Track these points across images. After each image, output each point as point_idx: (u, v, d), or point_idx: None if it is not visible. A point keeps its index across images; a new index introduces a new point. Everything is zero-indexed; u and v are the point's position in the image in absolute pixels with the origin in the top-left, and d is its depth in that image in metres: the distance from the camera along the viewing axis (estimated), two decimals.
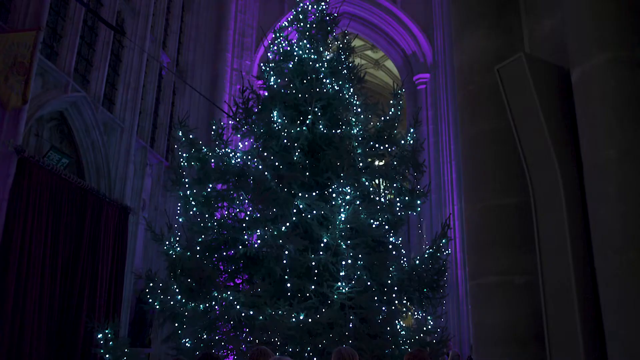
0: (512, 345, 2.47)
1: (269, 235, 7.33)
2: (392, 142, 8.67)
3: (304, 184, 7.91)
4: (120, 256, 11.63)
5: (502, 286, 2.59)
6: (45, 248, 9.31)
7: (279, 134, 8.24)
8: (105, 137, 11.70)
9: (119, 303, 11.60)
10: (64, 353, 9.77)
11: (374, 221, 7.93)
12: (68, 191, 10.07)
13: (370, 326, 7.41)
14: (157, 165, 14.47)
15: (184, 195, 8.31)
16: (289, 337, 6.99)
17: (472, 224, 2.84)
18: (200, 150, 8.56)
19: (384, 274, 7.79)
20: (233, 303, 7.03)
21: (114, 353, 7.56)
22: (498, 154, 2.84)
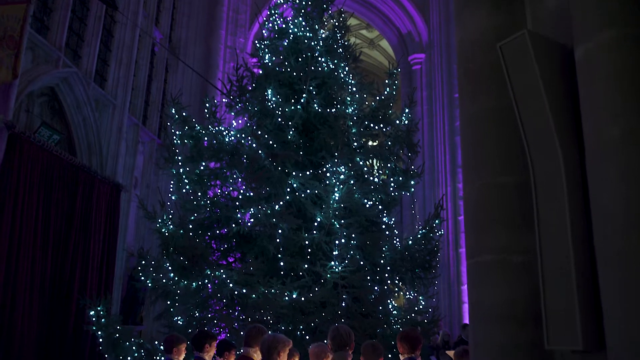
0: (510, 324, 2.47)
1: (262, 213, 7.31)
2: (386, 122, 8.64)
3: (297, 162, 7.88)
4: (111, 234, 11.57)
5: (500, 265, 2.57)
6: (36, 225, 9.24)
7: (273, 113, 8.18)
8: (96, 114, 11.55)
9: (110, 281, 11.57)
10: (55, 330, 9.76)
11: (367, 201, 7.93)
12: (59, 168, 9.97)
13: (362, 305, 7.45)
14: (149, 143, 14.35)
15: (177, 173, 8.25)
16: (281, 315, 7.01)
17: (470, 202, 2.82)
18: (193, 128, 8.48)
19: (376, 254, 7.81)
20: (226, 281, 7.03)
21: (106, 330, 7.56)
22: (498, 133, 2.80)
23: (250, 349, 4.68)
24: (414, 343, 4.49)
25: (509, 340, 2.49)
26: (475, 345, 2.61)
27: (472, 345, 2.65)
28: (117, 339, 7.58)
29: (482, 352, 2.56)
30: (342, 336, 4.15)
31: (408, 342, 4.49)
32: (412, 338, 4.51)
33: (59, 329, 9.80)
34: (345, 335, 4.17)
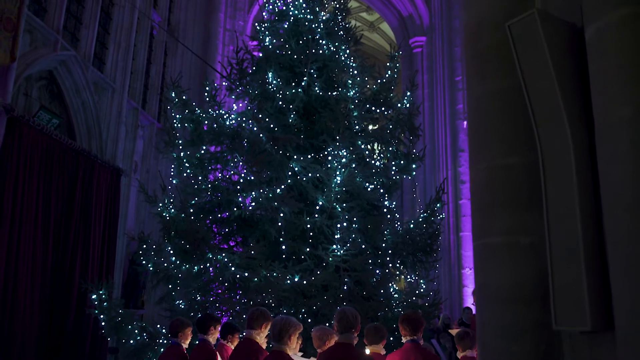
0: (517, 305, 2.47)
1: (263, 197, 7.30)
2: (388, 105, 8.59)
3: (299, 146, 7.85)
4: (112, 218, 11.56)
5: (507, 246, 2.56)
6: (37, 209, 9.22)
7: (273, 96, 8.13)
8: (96, 98, 11.48)
9: (111, 265, 11.59)
10: (57, 314, 9.79)
11: (369, 184, 7.92)
12: (59, 152, 9.93)
13: (364, 289, 7.48)
14: (149, 127, 14.28)
15: (178, 157, 8.23)
16: (283, 298, 7.03)
17: (477, 184, 2.80)
18: (193, 112, 8.44)
19: (378, 237, 7.82)
20: (227, 265, 7.04)
21: (109, 314, 7.59)
22: (505, 114, 2.78)
23: (253, 331, 4.70)
24: (416, 325, 4.51)
25: (515, 321, 2.49)
26: (482, 326, 2.61)
27: (479, 326, 2.65)
28: (119, 322, 7.62)
29: (489, 333, 2.56)
30: (348, 318, 4.16)
31: (410, 324, 4.51)
32: (413, 320, 4.53)
33: (61, 313, 9.83)
34: (351, 318, 4.18)
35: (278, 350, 4.12)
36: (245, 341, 4.71)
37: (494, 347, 2.52)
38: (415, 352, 4.37)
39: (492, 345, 2.53)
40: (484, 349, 2.58)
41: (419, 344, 4.50)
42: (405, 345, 4.48)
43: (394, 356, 4.48)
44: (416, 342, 4.48)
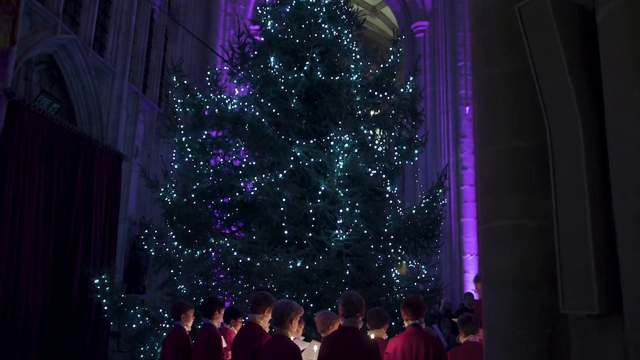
0: (523, 289, 2.46)
1: (265, 182, 7.28)
2: (390, 90, 8.54)
3: (301, 131, 7.82)
4: (113, 203, 11.56)
5: (514, 229, 2.55)
6: (38, 193, 9.20)
7: (275, 80, 8.08)
8: (96, 82, 11.41)
9: (113, 250, 11.61)
10: (59, 299, 9.82)
11: (371, 170, 7.90)
12: (60, 137, 9.89)
13: (366, 274, 7.49)
14: (150, 112, 14.23)
15: (179, 141, 8.20)
16: (285, 283, 7.05)
17: (484, 167, 2.78)
18: (195, 96, 8.40)
19: (380, 223, 7.82)
20: (230, 249, 7.04)
21: (111, 298, 7.61)
22: (512, 97, 2.75)
23: (257, 315, 4.71)
24: (418, 309, 4.52)
25: (522, 304, 2.48)
26: (488, 310, 2.61)
27: (485, 310, 2.65)
28: (121, 307, 7.64)
29: (495, 316, 2.56)
30: (353, 302, 4.18)
31: (412, 309, 4.52)
32: (415, 304, 4.55)
33: (63, 297, 9.86)
34: (356, 302, 4.19)
35: (280, 334, 4.14)
36: (249, 325, 4.72)
37: (500, 331, 2.52)
38: (417, 336, 4.39)
39: (498, 329, 2.53)
40: (490, 333, 2.58)
41: (421, 328, 4.52)
42: (407, 329, 4.50)
43: (396, 340, 4.50)
44: (418, 326, 4.50)
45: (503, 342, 2.49)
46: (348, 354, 3.98)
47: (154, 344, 7.56)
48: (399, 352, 4.37)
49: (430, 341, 4.35)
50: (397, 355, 4.37)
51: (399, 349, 4.38)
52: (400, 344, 4.41)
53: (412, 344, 4.33)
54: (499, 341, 2.51)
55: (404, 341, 4.39)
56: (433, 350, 4.29)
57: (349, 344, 4.02)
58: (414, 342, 4.33)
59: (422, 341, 4.32)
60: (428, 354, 4.25)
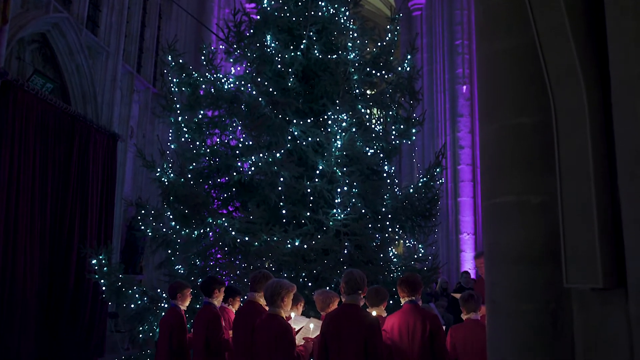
0: (527, 264, 2.46)
1: (263, 162, 7.25)
2: (388, 68, 8.47)
3: (298, 110, 7.76)
4: (109, 184, 11.50)
5: (518, 206, 2.54)
6: (34, 174, 9.14)
7: (272, 59, 7.99)
8: (90, 61, 11.28)
9: (109, 231, 11.59)
10: (57, 280, 9.82)
11: (369, 149, 7.87)
12: (55, 117, 9.79)
13: (364, 253, 7.50)
14: (144, 92, 14.10)
15: (175, 121, 8.13)
16: (283, 263, 7.06)
17: (487, 144, 2.76)
18: (190, 75, 8.31)
19: (378, 202, 7.81)
20: (228, 229, 7.03)
21: (109, 278, 7.61)
22: (516, 73, 2.72)
23: (256, 293, 4.72)
24: (414, 286, 4.54)
25: (526, 280, 2.49)
26: (491, 286, 2.61)
27: (488, 286, 2.65)
28: (119, 287, 7.65)
29: (498, 292, 2.56)
30: (355, 280, 4.19)
31: (408, 286, 4.54)
32: (411, 282, 4.56)
33: (61, 278, 9.87)
34: (358, 279, 4.21)
35: (273, 313, 4.15)
36: (248, 303, 4.74)
37: (504, 306, 2.53)
38: (414, 312, 4.42)
39: (502, 305, 2.54)
40: (494, 308, 2.59)
41: (418, 304, 4.54)
42: (404, 307, 4.52)
43: (393, 318, 4.52)
44: (415, 303, 4.52)
45: (507, 317, 2.50)
46: (349, 330, 4.01)
47: (152, 323, 7.58)
48: (395, 329, 4.40)
49: (427, 317, 4.37)
50: (394, 332, 4.40)
51: (396, 326, 4.41)
52: (397, 321, 4.43)
53: (409, 321, 4.35)
54: (503, 316, 2.52)
55: (401, 318, 4.42)
56: (430, 326, 4.32)
57: (351, 321, 4.04)
58: (410, 319, 4.36)
59: (418, 318, 4.35)
60: (425, 330, 4.28)
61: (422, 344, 4.27)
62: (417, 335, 4.29)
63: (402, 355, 4.34)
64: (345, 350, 3.98)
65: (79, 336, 10.01)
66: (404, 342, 4.32)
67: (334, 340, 4.04)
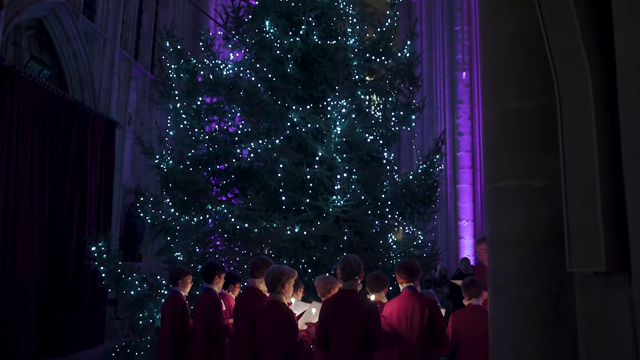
0: (529, 248, 2.46)
1: (262, 148, 7.23)
2: (388, 54, 8.42)
3: (297, 96, 7.73)
4: (108, 171, 11.46)
5: (520, 190, 2.53)
6: (32, 162, 9.09)
7: (271, 45, 7.94)
8: (87, 48, 11.19)
9: (108, 218, 11.57)
10: (56, 267, 9.81)
11: (368, 135, 7.85)
12: (52, 104, 9.72)
13: (363, 239, 7.51)
14: (142, 78, 14.01)
15: (174, 107, 8.09)
16: (283, 249, 7.07)
17: (490, 128, 2.74)
18: (189, 62, 8.25)
19: (377, 189, 7.81)
20: (227, 216, 7.03)
21: (108, 265, 7.62)
22: (520, 56, 2.69)
23: (256, 279, 4.72)
24: (412, 272, 4.54)
25: (528, 263, 2.48)
26: (493, 271, 2.61)
27: (490, 271, 2.64)
28: (119, 274, 7.66)
29: (500, 276, 2.56)
30: (352, 265, 4.18)
31: (406, 272, 4.54)
32: (409, 268, 4.56)
33: (60, 265, 9.86)
34: (355, 265, 4.19)
35: (274, 299, 4.15)
36: (249, 289, 4.73)
37: (506, 291, 2.52)
38: (412, 298, 4.42)
39: (504, 289, 2.53)
40: (496, 293, 2.58)
41: (416, 290, 4.54)
42: (403, 292, 4.51)
43: (391, 304, 4.52)
44: (413, 289, 4.52)
45: (509, 302, 2.49)
46: (348, 316, 4.01)
47: (152, 310, 7.60)
48: (394, 315, 4.40)
49: (426, 303, 4.37)
50: (392, 318, 4.41)
51: (395, 312, 4.42)
52: (396, 307, 4.44)
53: (408, 307, 4.36)
54: (505, 300, 2.51)
55: (400, 304, 4.43)
56: (428, 311, 4.32)
57: (349, 307, 4.04)
58: (409, 305, 4.36)
59: (417, 303, 4.35)
60: (423, 316, 4.29)
61: (421, 329, 4.28)
62: (415, 321, 4.30)
63: (401, 340, 4.36)
64: (344, 336, 3.99)
65: (78, 323, 10.03)
66: (402, 327, 4.33)
67: (332, 326, 4.05)
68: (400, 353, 4.37)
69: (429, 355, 4.31)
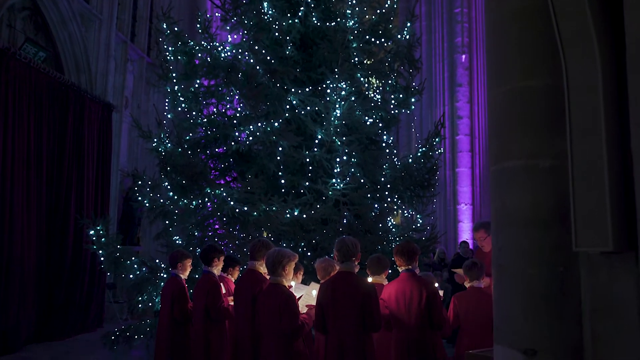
0: (535, 228, 2.44)
1: (261, 131, 7.18)
2: (387, 36, 8.34)
3: (296, 79, 7.66)
4: (105, 154, 11.39)
5: (526, 170, 2.50)
6: (29, 145, 9.02)
7: (269, 27, 7.85)
8: (83, 30, 11.05)
9: (106, 202, 11.53)
10: (55, 251, 9.80)
11: (368, 118, 7.80)
12: (48, 86, 9.62)
13: (363, 222, 7.50)
14: (139, 61, 13.88)
15: (172, 90, 8.02)
16: (282, 232, 7.06)
17: (496, 107, 2.71)
18: (187, 44, 8.16)
19: (377, 172, 7.79)
20: (226, 199, 7.00)
21: (107, 249, 7.60)
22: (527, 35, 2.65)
23: (257, 262, 4.71)
24: (411, 255, 4.53)
25: (533, 243, 2.46)
26: (498, 250, 2.59)
27: (495, 251, 2.62)
28: (117, 257, 7.65)
29: (505, 256, 2.54)
30: (348, 247, 4.16)
31: (404, 255, 4.53)
32: (408, 250, 4.55)
33: (58, 249, 9.84)
34: (351, 246, 4.17)
35: (274, 282, 4.14)
36: (249, 272, 4.72)
37: (511, 270, 2.51)
38: (411, 281, 4.42)
39: (509, 269, 2.52)
40: (501, 273, 2.57)
41: (415, 273, 4.54)
42: (401, 275, 4.51)
43: (390, 287, 4.52)
44: (412, 271, 4.51)
45: (514, 281, 2.48)
46: (345, 298, 4.01)
47: (151, 293, 7.60)
48: (392, 297, 4.40)
49: (423, 284, 4.37)
50: (391, 300, 4.41)
51: (393, 294, 4.42)
52: (394, 289, 4.44)
53: (406, 290, 4.36)
54: (510, 280, 2.50)
55: (398, 287, 4.43)
56: (426, 293, 4.32)
57: (346, 289, 4.04)
58: (407, 288, 4.36)
59: (415, 286, 4.35)
60: (421, 298, 4.29)
61: (420, 312, 4.28)
62: (414, 303, 4.30)
63: (399, 323, 4.36)
64: (343, 318, 3.99)
65: (77, 306, 10.04)
66: (401, 310, 4.34)
67: (331, 308, 4.05)
68: (399, 335, 4.38)
69: (428, 337, 4.32)
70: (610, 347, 2.29)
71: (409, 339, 4.30)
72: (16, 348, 8.40)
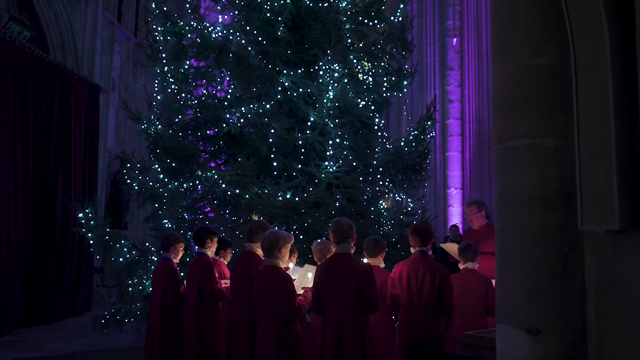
0: (539, 208, 2.42)
1: (252, 113, 7.10)
2: (380, 18, 8.27)
3: (288, 60, 7.58)
4: (92, 137, 11.21)
5: (531, 149, 2.47)
6: (14, 126, 8.83)
7: (261, 7, 7.73)
8: (68, 9, 10.81)
9: (94, 185, 11.38)
10: (42, 234, 9.67)
11: (360, 101, 7.75)
12: (34, 66, 9.40)
13: (355, 206, 7.48)
14: (126, 42, 13.64)
15: (161, 71, 7.89)
16: (274, 215, 7.02)
17: (501, 85, 2.67)
18: (176, 24, 8.02)
19: (369, 155, 7.76)
20: (218, 182, 6.93)
21: (96, 232, 7.51)
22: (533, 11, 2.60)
23: (254, 244, 4.66)
24: (426, 237, 4.47)
25: (538, 223, 2.43)
26: (502, 231, 2.56)
27: (498, 231, 2.60)
28: (107, 240, 7.57)
29: (509, 236, 2.52)
30: (343, 228, 4.12)
31: (420, 235, 4.46)
32: (424, 231, 4.49)
33: (46, 232, 9.71)
34: (347, 228, 4.13)
35: (270, 264, 4.10)
36: (246, 254, 4.68)
37: (515, 250, 2.48)
38: (424, 262, 4.34)
39: (513, 249, 2.49)
40: (504, 253, 2.55)
41: (428, 255, 4.48)
42: (413, 256, 4.45)
43: (401, 266, 4.45)
44: (425, 253, 4.45)
45: (518, 261, 2.46)
46: (342, 279, 3.98)
47: (141, 277, 7.54)
48: (404, 276, 4.33)
49: (437, 269, 4.31)
50: (402, 280, 4.34)
51: (405, 274, 4.34)
52: (406, 269, 4.36)
53: (419, 270, 4.28)
54: (514, 260, 2.48)
55: (410, 266, 4.35)
56: (439, 278, 4.26)
57: (343, 270, 4.01)
58: (420, 269, 4.29)
59: (428, 268, 4.29)
60: (434, 281, 4.23)
61: (430, 295, 4.22)
62: (425, 286, 4.24)
63: (407, 303, 4.33)
64: (339, 299, 3.96)
65: (66, 290, 9.94)
66: (411, 290, 4.29)
67: (327, 290, 4.02)
68: (405, 315, 4.35)
69: (434, 319, 4.29)
70: (615, 327, 2.29)
71: (415, 320, 4.27)
72: (3, 332, 8.30)
